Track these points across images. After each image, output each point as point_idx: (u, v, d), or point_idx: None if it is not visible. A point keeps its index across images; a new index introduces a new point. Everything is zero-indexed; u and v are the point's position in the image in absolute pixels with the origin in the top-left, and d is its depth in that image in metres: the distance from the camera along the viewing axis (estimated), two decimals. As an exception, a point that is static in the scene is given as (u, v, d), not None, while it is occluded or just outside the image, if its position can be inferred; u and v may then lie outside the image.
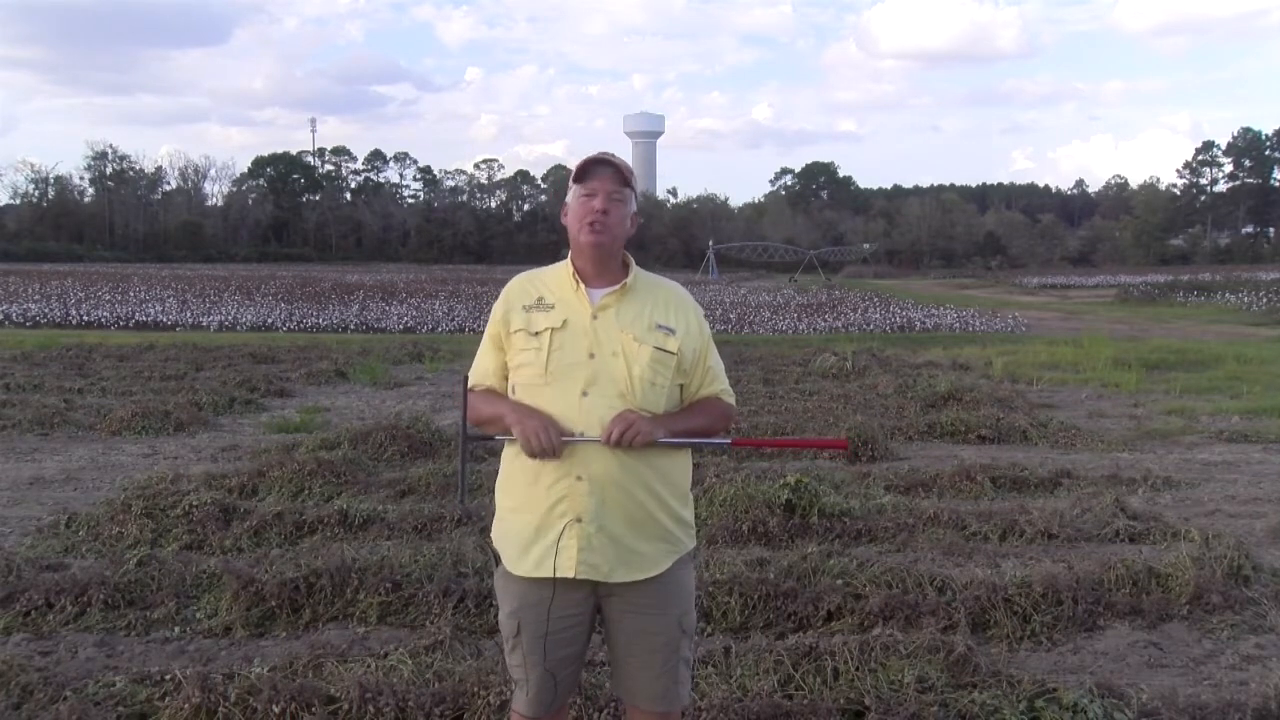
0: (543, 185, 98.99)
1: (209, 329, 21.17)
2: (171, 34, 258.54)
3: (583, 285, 2.39)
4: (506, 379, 2.45)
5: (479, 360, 2.50)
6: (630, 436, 2.26)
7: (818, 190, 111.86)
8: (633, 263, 2.46)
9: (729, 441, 2.74)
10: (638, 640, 2.41)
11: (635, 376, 2.33)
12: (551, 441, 2.27)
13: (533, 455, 2.29)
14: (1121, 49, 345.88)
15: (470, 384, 2.47)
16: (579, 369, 2.33)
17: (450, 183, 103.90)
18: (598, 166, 2.37)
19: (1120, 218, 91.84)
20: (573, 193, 2.40)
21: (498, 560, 2.46)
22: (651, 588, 2.38)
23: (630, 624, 2.40)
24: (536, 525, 2.35)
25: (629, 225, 2.41)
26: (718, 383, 2.49)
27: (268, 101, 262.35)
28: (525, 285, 2.46)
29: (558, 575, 2.33)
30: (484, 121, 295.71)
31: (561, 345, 2.35)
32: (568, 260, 2.43)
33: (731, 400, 2.53)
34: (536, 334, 2.36)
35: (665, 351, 2.36)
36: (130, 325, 21.42)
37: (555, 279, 2.43)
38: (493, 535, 2.50)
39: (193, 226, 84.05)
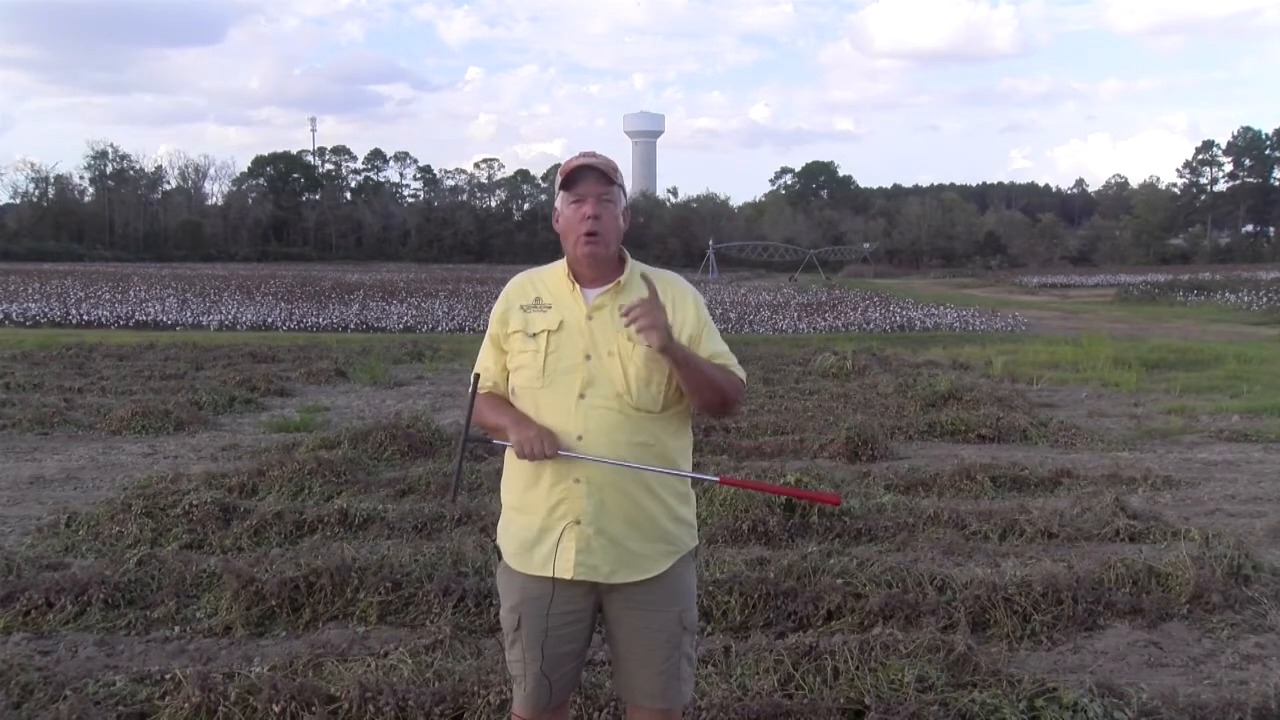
0: (542, 184, 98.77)
1: (209, 328, 21.18)
2: (167, 33, 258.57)
3: (578, 285, 2.39)
4: (508, 379, 2.45)
5: (480, 360, 2.51)
6: (645, 324, 2.21)
7: (817, 190, 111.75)
8: (628, 257, 2.45)
9: (716, 479, 2.78)
10: (638, 637, 2.41)
11: (631, 376, 2.33)
12: (544, 450, 2.28)
13: (522, 458, 2.32)
14: (1117, 49, 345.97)
15: (478, 382, 2.48)
16: (575, 372, 2.33)
17: (450, 182, 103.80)
18: (582, 171, 2.35)
19: (1120, 217, 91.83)
20: (561, 199, 2.39)
21: (499, 556, 2.47)
22: (652, 585, 2.38)
23: (631, 621, 2.40)
24: (538, 526, 2.36)
25: (621, 223, 2.40)
26: (721, 357, 2.44)
27: (264, 101, 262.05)
28: (524, 285, 2.47)
29: (556, 576, 2.34)
30: (483, 121, 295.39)
31: (558, 348, 2.35)
32: (565, 260, 2.43)
33: (741, 374, 2.48)
34: (534, 335, 2.37)
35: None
36: (130, 324, 21.43)
37: (553, 278, 2.43)
38: (497, 531, 2.51)
39: (193, 226, 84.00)
